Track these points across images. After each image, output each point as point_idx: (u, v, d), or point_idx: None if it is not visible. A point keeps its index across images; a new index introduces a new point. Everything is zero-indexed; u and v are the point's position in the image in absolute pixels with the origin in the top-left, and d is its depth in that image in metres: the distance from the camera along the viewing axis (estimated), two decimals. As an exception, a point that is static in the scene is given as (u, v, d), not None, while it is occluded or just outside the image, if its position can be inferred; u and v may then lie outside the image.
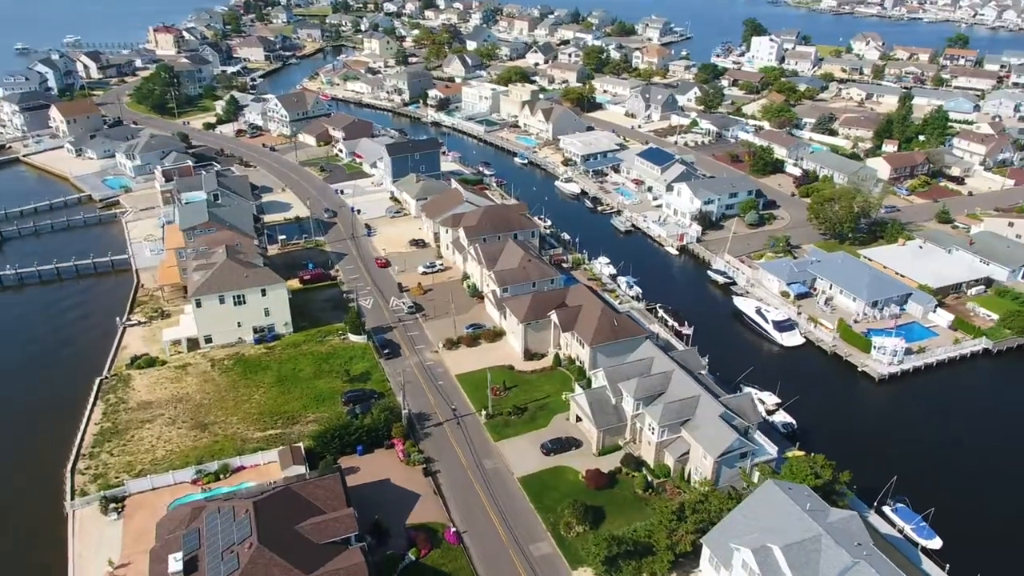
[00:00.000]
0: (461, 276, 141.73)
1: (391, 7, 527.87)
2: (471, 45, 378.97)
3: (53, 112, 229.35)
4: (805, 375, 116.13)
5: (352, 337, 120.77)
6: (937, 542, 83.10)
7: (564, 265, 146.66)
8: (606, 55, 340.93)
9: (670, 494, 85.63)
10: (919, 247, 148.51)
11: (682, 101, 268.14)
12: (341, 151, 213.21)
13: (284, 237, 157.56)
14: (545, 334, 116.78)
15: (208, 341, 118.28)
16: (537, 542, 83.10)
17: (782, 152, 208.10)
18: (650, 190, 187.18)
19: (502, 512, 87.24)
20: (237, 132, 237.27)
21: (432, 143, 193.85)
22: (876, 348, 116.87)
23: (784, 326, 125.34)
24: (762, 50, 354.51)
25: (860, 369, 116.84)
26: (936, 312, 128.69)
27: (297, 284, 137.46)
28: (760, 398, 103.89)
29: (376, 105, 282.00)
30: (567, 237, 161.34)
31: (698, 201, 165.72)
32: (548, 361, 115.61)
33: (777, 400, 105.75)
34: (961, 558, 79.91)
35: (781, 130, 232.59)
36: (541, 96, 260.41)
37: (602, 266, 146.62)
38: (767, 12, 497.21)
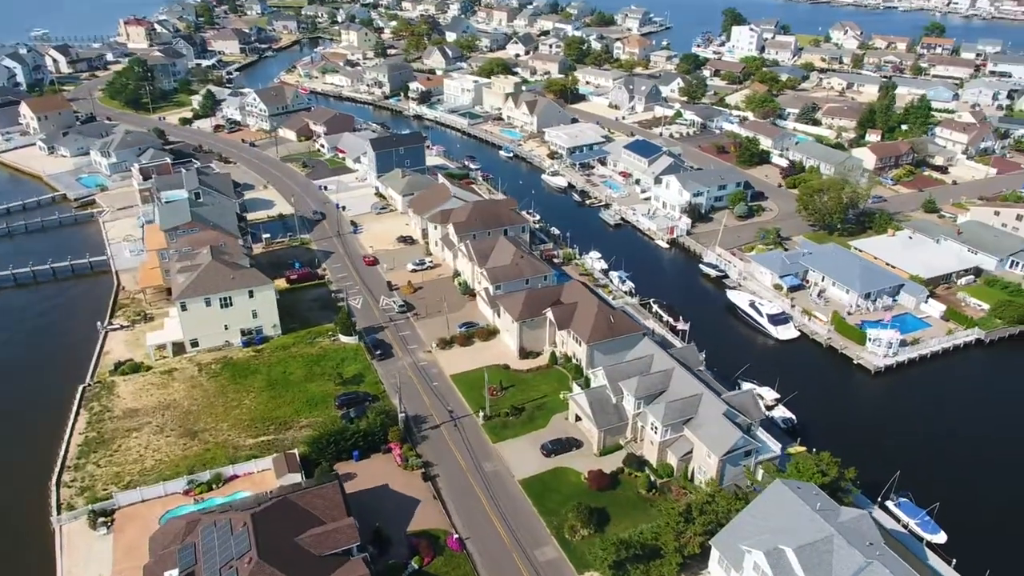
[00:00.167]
0: (452, 273, 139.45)
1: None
2: (450, 36, 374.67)
3: (23, 108, 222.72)
4: (801, 369, 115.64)
5: (343, 338, 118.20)
6: (942, 536, 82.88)
7: (555, 260, 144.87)
8: (587, 46, 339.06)
9: (676, 495, 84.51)
10: (909, 237, 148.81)
11: (665, 92, 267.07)
12: (323, 146, 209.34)
13: (268, 236, 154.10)
14: (540, 332, 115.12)
15: (194, 345, 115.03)
16: (542, 547, 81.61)
17: (767, 143, 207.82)
18: (638, 183, 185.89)
19: (504, 516, 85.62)
20: (215, 127, 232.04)
21: (416, 137, 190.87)
22: (871, 340, 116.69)
23: (779, 319, 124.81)
24: (742, 40, 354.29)
25: (856, 362, 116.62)
26: (928, 303, 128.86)
27: (284, 284, 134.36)
28: (759, 394, 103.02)
29: (356, 98, 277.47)
30: (556, 232, 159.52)
31: (687, 193, 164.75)
32: (544, 359, 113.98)
33: (776, 395, 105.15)
34: (966, 552, 79.71)
35: (765, 120, 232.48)
36: (524, 88, 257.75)
37: (593, 261, 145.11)
38: (746, 1, 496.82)
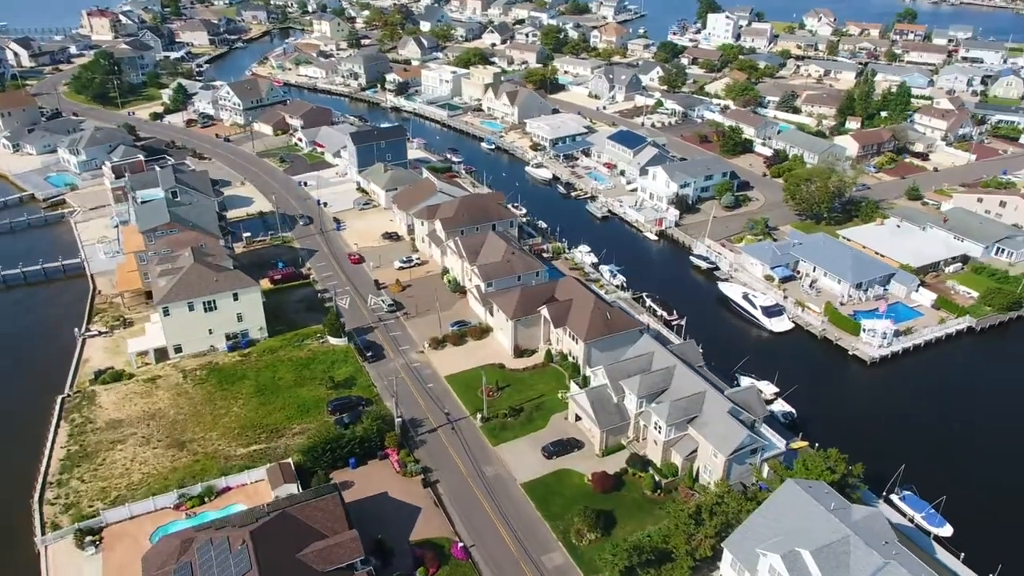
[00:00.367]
0: (440, 271, 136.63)
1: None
2: (425, 26, 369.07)
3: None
4: (796, 361, 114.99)
5: (332, 340, 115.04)
6: (948, 529, 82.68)
7: (544, 255, 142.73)
8: (564, 34, 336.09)
9: (684, 496, 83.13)
10: (897, 226, 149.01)
11: (645, 81, 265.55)
12: (300, 140, 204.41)
13: (249, 235, 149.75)
14: (535, 330, 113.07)
15: (178, 351, 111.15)
16: (549, 552, 79.85)
17: (750, 132, 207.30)
18: (623, 174, 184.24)
19: (508, 522, 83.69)
20: (187, 122, 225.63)
21: (398, 130, 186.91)
22: (866, 331, 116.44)
23: (772, 311, 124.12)
24: (718, 27, 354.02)
25: (851, 353, 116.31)
26: (919, 292, 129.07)
27: (267, 284, 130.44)
28: (758, 388, 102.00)
29: (332, 90, 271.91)
30: (544, 225, 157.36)
31: (674, 185, 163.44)
32: (539, 357, 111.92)
33: (775, 389, 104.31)
34: (973, 544, 79.44)
35: (746, 109, 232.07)
36: (503, 78, 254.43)
37: (583, 255, 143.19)
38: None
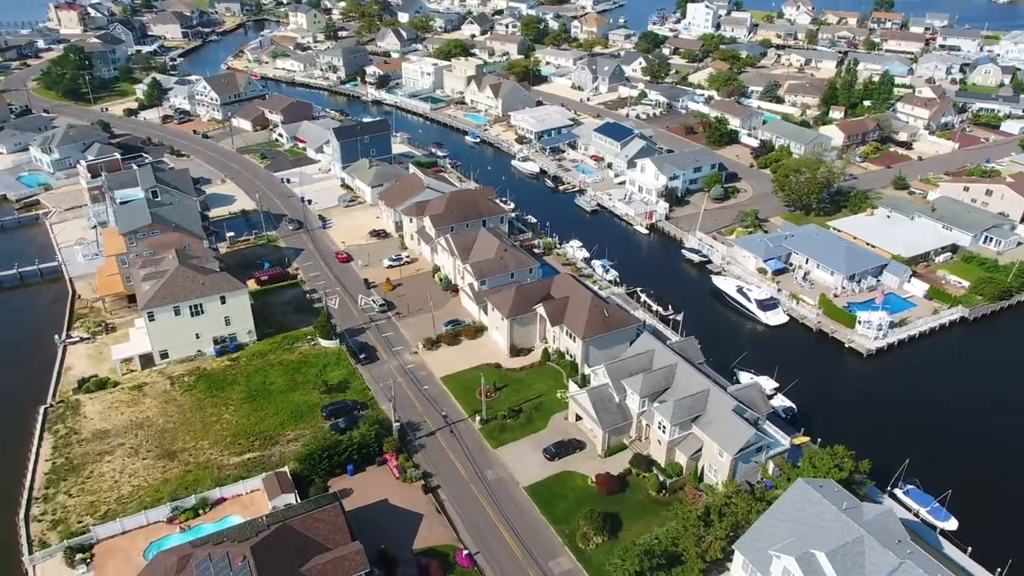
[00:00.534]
0: (431, 269, 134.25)
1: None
2: (403, 17, 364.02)
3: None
4: (793, 354, 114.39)
5: (323, 342, 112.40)
6: (953, 523, 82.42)
7: (535, 251, 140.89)
8: (544, 25, 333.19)
9: (692, 497, 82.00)
10: (887, 216, 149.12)
11: (628, 72, 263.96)
12: (281, 136, 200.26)
13: (232, 234, 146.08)
14: (531, 328, 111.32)
15: (164, 357, 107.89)
16: (556, 557, 78.41)
17: (735, 122, 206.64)
18: (610, 166, 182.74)
19: (513, 527, 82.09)
20: (163, 118, 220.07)
21: (382, 125, 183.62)
22: (862, 323, 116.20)
23: (767, 305, 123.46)
24: (698, 17, 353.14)
25: (847, 345, 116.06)
26: (911, 282, 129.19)
27: (254, 285, 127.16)
28: (760, 385, 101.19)
29: (311, 84, 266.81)
30: (533, 220, 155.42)
31: (664, 177, 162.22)
32: (536, 356, 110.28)
33: (775, 384, 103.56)
34: (979, 538, 79.29)
35: (730, 99, 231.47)
36: (486, 70, 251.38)
37: (575, 250, 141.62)
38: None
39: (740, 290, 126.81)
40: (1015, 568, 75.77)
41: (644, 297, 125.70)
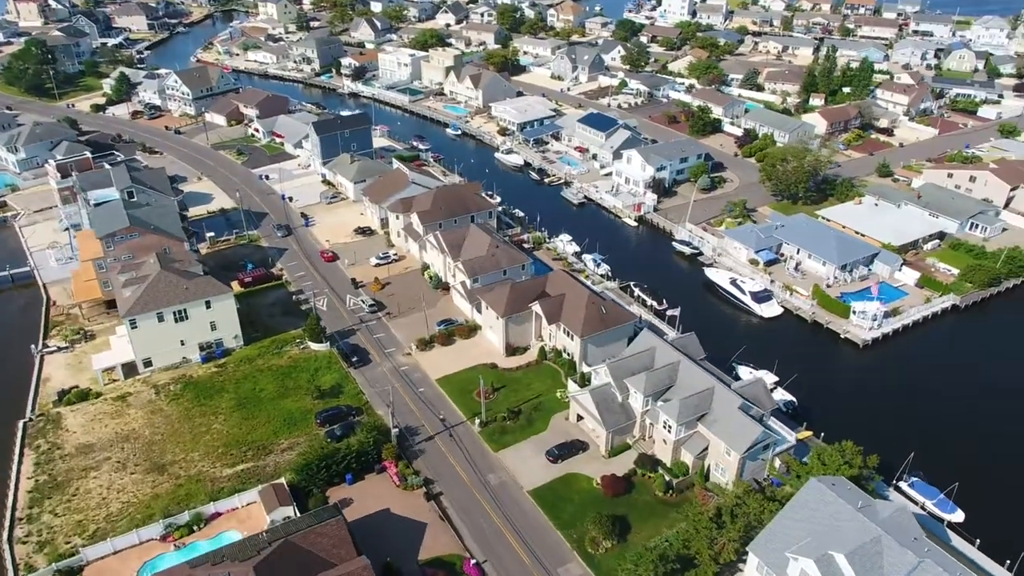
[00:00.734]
0: (420, 267, 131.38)
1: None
2: (376, 7, 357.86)
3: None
4: (789, 347, 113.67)
5: (313, 346, 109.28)
6: (959, 515, 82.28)
7: (524, 245, 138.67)
8: (520, 13, 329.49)
9: (702, 499, 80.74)
10: (875, 204, 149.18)
11: (607, 61, 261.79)
12: (257, 131, 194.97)
13: (212, 234, 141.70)
14: (527, 326, 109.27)
15: (147, 365, 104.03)
16: (565, 564, 76.77)
17: (718, 111, 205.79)
18: (595, 158, 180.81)
19: (519, 533, 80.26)
20: (133, 114, 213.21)
21: (362, 118, 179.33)
22: (856, 313, 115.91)
23: (761, 297, 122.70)
24: (674, 4, 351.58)
25: (843, 336, 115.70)
26: (902, 271, 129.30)
27: (237, 287, 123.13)
28: (764, 380, 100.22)
29: (284, 76, 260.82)
30: (521, 214, 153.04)
31: (650, 168, 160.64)
32: (532, 355, 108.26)
33: (775, 379, 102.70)
34: (987, 529, 79.19)
35: (711, 88, 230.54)
36: (464, 60, 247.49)
37: (565, 244, 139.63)
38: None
39: (734, 282, 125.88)
40: (1025, 559, 75.90)
41: (638, 292, 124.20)
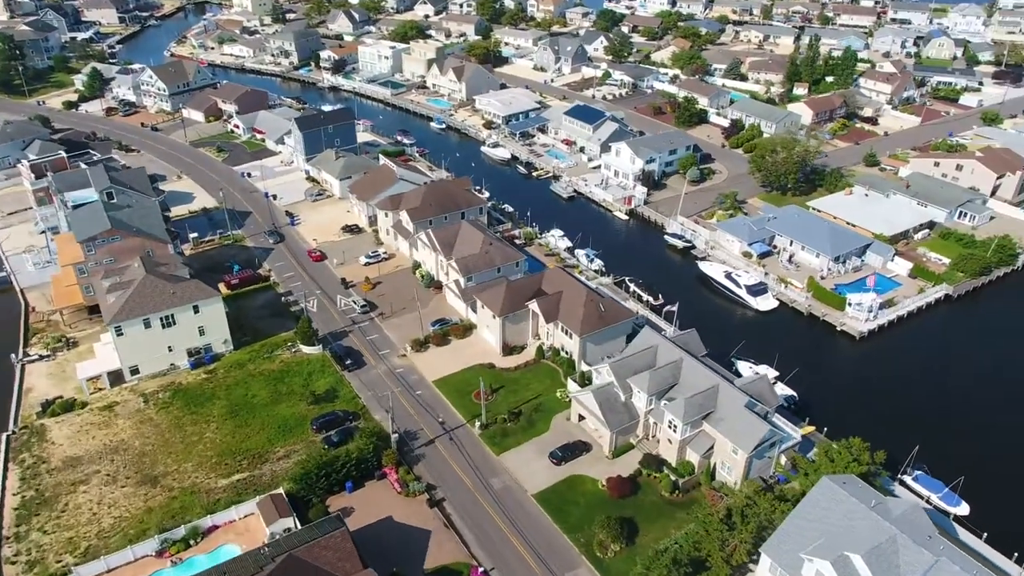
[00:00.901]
0: (411, 265, 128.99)
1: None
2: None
3: None
4: (786, 340, 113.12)
5: (305, 348, 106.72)
6: (965, 508, 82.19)
7: (516, 241, 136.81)
8: (500, 4, 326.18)
9: (711, 500, 79.78)
10: (865, 195, 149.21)
11: (590, 51, 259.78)
12: (237, 127, 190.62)
13: (196, 235, 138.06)
14: (523, 325, 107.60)
15: (135, 373, 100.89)
16: (574, 569, 75.49)
17: (703, 102, 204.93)
18: (582, 150, 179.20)
19: (526, 538, 78.81)
20: (107, 110, 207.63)
21: (345, 113, 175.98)
22: (852, 305, 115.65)
23: (757, 290, 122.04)
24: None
25: (839, 328, 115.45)
26: (894, 261, 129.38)
27: (224, 290, 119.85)
28: (768, 377, 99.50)
29: (262, 70, 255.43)
30: (511, 209, 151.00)
31: (640, 161, 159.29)
32: (530, 353, 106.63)
33: (776, 373, 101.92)
34: (990, 522, 79.06)
35: (695, 78, 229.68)
36: (446, 52, 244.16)
37: (557, 239, 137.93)
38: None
39: (728, 275, 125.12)
40: (1031, 552, 75.91)
41: (633, 287, 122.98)
